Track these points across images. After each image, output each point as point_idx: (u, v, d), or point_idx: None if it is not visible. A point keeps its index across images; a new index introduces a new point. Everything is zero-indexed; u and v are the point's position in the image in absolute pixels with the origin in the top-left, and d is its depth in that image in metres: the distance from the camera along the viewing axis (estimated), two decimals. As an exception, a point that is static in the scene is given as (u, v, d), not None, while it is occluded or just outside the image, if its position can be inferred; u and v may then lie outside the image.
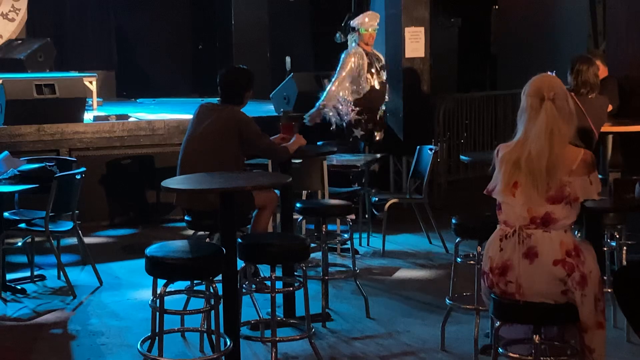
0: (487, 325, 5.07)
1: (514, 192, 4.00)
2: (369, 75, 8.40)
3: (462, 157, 6.68)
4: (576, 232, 4.88)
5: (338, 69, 8.43)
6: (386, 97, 8.75)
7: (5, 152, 6.83)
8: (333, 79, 8.46)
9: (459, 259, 5.34)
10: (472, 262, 5.30)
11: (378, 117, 8.63)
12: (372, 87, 8.43)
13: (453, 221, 5.22)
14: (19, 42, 11.94)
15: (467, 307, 5.28)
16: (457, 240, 5.27)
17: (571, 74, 6.54)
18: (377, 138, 8.68)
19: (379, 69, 8.49)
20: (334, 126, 8.49)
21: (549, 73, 4.34)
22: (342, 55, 8.48)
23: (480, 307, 4.99)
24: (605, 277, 4.88)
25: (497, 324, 4.13)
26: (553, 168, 3.93)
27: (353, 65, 8.36)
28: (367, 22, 8.43)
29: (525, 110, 4.04)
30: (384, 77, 8.59)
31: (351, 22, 8.63)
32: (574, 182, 3.94)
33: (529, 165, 3.96)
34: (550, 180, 3.93)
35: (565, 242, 3.97)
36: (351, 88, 8.36)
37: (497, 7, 13.72)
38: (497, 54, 13.70)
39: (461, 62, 13.17)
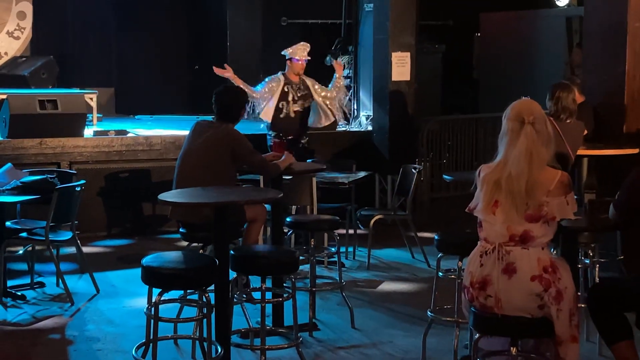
0: (466, 337, 5.06)
1: (495, 211, 4.01)
2: (284, 102, 8.09)
3: (444, 176, 6.68)
4: (552, 249, 4.90)
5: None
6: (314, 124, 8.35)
7: (9, 164, 6.80)
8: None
9: (440, 274, 5.34)
10: (453, 276, 5.29)
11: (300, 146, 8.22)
12: (287, 114, 8.11)
13: (435, 237, 5.23)
14: (24, 59, 11.91)
15: (448, 319, 5.28)
16: (439, 256, 5.27)
17: (551, 99, 6.57)
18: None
19: (297, 98, 8.13)
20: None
21: (523, 98, 4.35)
22: (266, 79, 8.20)
23: (460, 320, 4.99)
24: (579, 293, 4.89)
25: (477, 336, 4.13)
26: (532, 188, 3.94)
27: (266, 89, 8.08)
28: (299, 52, 8.09)
29: (506, 133, 4.06)
30: (307, 106, 8.23)
31: (283, 51, 8.21)
32: (552, 202, 3.96)
33: (509, 185, 3.97)
34: (529, 200, 3.95)
35: (543, 259, 3.98)
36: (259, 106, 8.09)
37: (479, 34, 13.79)
38: (479, 78, 13.75)
39: (444, 86, 13.21)
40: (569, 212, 4.02)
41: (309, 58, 8.19)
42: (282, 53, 8.17)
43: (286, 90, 8.09)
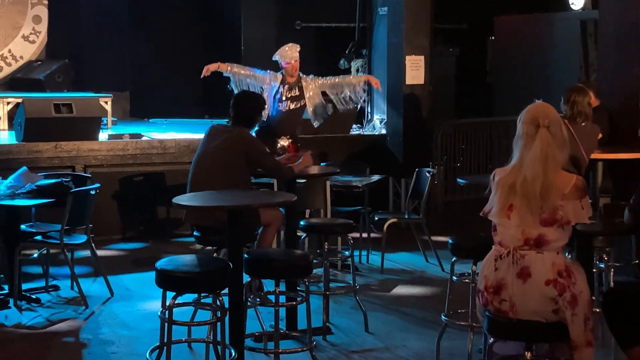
0: (480, 341, 5.04)
1: (509, 215, 3.99)
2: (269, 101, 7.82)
3: (459, 179, 6.67)
4: (567, 253, 4.87)
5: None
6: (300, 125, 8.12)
7: (24, 168, 6.82)
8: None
9: (454, 278, 5.33)
10: (467, 280, 5.28)
11: (277, 146, 7.83)
12: (278, 110, 7.83)
13: (449, 241, 5.21)
14: (39, 63, 11.97)
15: (462, 323, 5.27)
16: (453, 260, 5.25)
17: (567, 103, 6.54)
18: None
19: (286, 98, 7.84)
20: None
21: (536, 101, 4.33)
22: (269, 71, 8.03)
23: (474, 324, 4.97)
24: (594, 298, 4.86)
25: (491, 340, 4.11)
26: (547, 192, 3.93)
27: (269, 79, 7.91)
28: (288, 54, 7.90)
29: (521, 136, 4.04)
30: (293, 108, 7.90)
31: (273, 56, 8.01)
32: (566, 206, 3.94)
33: (524, 189, 3.96)
34: (544, 204, 3.93)
35: (557, 263, 3.97)
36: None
37: (493, 37, 13.75)
38: (493, 82, 13.72)
39: (459, 89, 13.18)
40: (584, 216, 4.00)
41: (297, 58, 7.99)
42: (273, 59, 8.08)
43: (280, 89, 7.96)
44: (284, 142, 7.88)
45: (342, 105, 8.29)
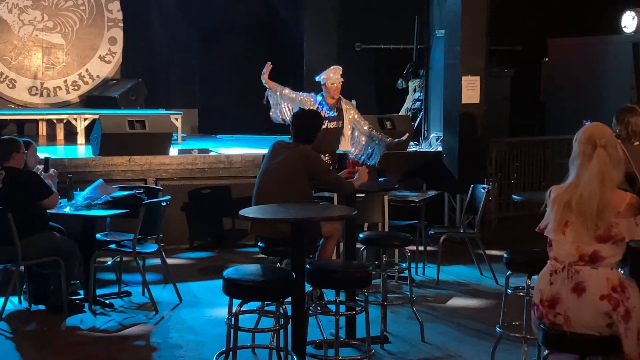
0: (534, 353, 4.96)
1: (565, 231, 3.94)
2: None
3: (514, 196, 6.58)
4: (620, 269, 4.78)
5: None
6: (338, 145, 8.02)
7: (100, 180, 6.94)
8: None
9: (509, 291, 5.26)
10: (521, 293, 5.22)
11: None
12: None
13: (505, 255, 5.16)
14: (114, 82, 12.17)
15: (516, 335, 5.20)
16: (507, 273, 5.19)
17: (620, 124, 6.42)
18: None
19: (328, 117, 7.75)
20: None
21: (584, 122, 4.27)
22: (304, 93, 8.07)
23: (528, 336, 4.91)
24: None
25: (545, 352, 4.05)
26: (602, 210, 3.87)
27: (302, 98, 7.96)
28: (332, 76, 7.86)
29: (577, 156, 3.99)
30: (331, 127, 7.79)
31: (317, 76, 7.99)
32: (621, 223, 3.88)
33: (580, 206, 3.90)
34: (599, 221, 3.87)
35: (611, 278, 3.90)
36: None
37: (546, 59, 13.60)
38: (546, 102, 13.55)
39: (513, 108, 13.04)
40: (637, 233, 3.93)
41: (341, 80, 7.99)
42: (316, 79, 8.07)
43: (319, 109, 7.90)
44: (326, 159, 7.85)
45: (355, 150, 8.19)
